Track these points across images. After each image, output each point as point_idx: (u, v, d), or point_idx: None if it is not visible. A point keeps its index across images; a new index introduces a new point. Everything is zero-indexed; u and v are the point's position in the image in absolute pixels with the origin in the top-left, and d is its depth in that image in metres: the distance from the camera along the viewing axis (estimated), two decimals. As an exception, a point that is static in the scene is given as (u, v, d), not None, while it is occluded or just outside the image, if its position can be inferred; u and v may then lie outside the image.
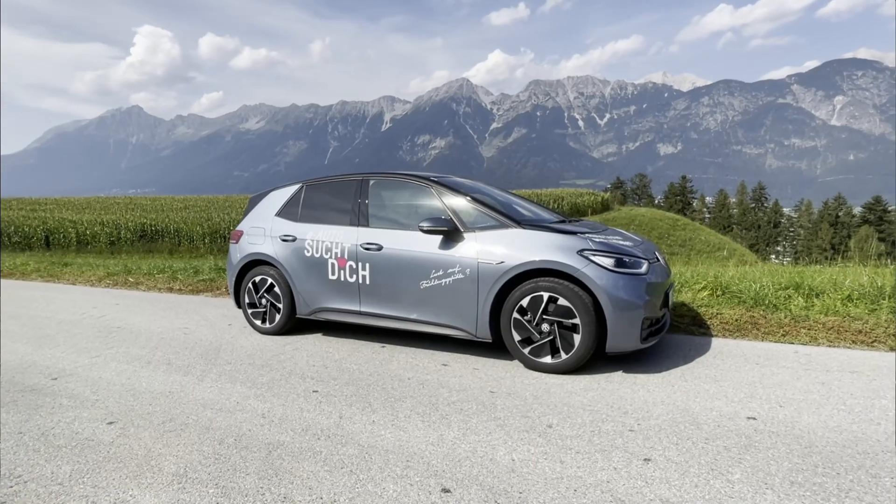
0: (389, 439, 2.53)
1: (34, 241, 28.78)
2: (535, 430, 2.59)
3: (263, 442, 2.53)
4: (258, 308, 4.60)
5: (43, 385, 3.41)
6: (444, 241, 3.68)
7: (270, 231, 4.52)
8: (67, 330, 4.93)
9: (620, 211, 57.25)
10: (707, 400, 2.90)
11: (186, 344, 4.35)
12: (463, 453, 2.37)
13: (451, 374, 3.45)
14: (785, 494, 1.98)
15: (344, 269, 4.08)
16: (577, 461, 2.27)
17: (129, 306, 6.16)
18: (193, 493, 2.10)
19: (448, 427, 2.65)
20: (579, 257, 3.28)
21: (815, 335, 3.99)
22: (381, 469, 2.25)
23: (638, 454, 2.32)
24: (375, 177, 4.25)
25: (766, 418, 2.64)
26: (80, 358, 4.01)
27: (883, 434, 2.43)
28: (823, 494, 1.96)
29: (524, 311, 3.42)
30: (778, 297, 4.70)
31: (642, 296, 3.24)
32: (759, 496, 1.97)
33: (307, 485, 2.14)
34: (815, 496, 1.95)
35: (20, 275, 9.18)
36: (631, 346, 3.27)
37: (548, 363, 3.38)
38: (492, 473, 2.19)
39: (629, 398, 2.96)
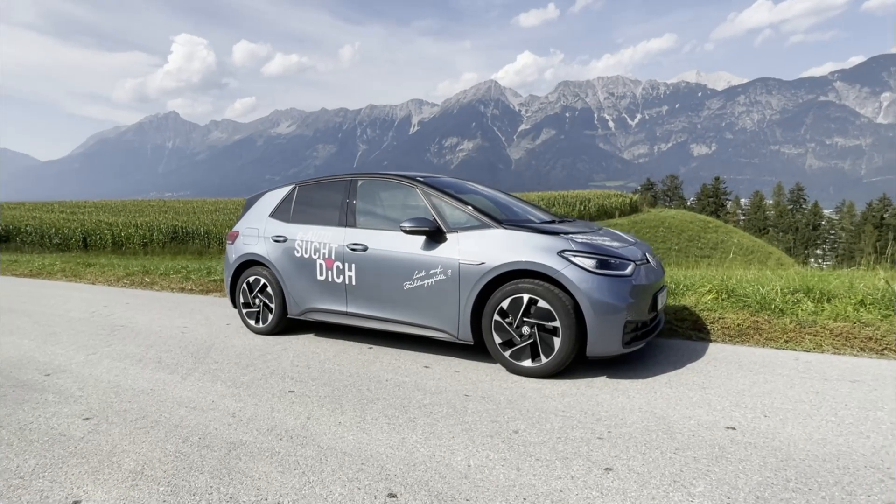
0: (351, 441, 2.50)
1: (73, 243, 29.97)
2: (499, 435, 2.52)
3: (226, 441, 2.53)
4: (252, 308, 4.65)
5: (35, 381, 3.51)
6: (427, 242, 3.63)
7: (264, 232, 4.56)
8: (73, 327, 5.08)
9: (650, 213, 56.07)
10: (688, 408, 2.77)
11: (181, 343, 4.42)
12: (420, 458, 2.32)
13: (430, 377, 3.40)
14: (736, 499, 1.86)
15: (331, 269, 4.08)
16: (534, 469, 2.19)
17: (138, 305, 6.32)
18: (144, 490, 2.11)
19: (412, 430, 2.60)
20: (559, 258, 3.18)
21: (820, 342, 3.78)
22: (334, 472, 2.21)
23: (600, 463, 2.22)
24: (364, 177, 4.23)
25: (746, 428, 2.50)
26: (77, 355, 4.11)
27: (870, 448, 2.26)
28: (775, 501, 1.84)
29: (505, 314, 3.34)
30: (786, 301, 4.48)
31: (625, 298, 3.13)
32: (719, 501, 1.86)
33: (256, 485, 2.12)
34: (778, 513, 1.83)
35: (47, 274, 9.55)
36: (612, 350, 3.15)
37: (528, 367, 3.30)
38: (444, 479, 2.13)
39: (606, 404, 2.85)
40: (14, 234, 31.10)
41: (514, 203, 4.66)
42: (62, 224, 32.03)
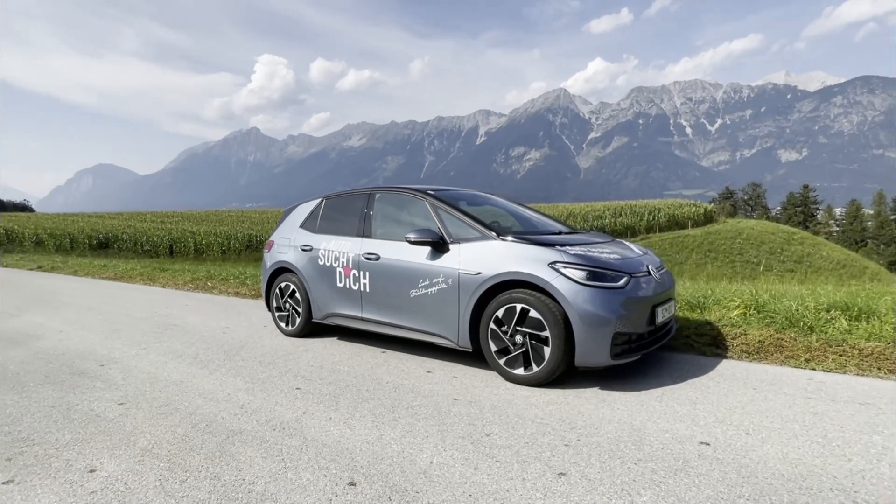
0: (334, 435, 2.71)
1: (160, 249, 32.77)
2: (471, 437, 2.64)
3: (227, 429, 2.83)
4: (283, 311, 5.02)
5: (90, 370, 4.02)
6: (432, 252, 3.81)
7: (294, 241, 4.93)
8: (134, 325, 5.70)
9: (726, 224, 52.95)
10: (669, 422, 2.75)
11: (219, 342, 4.85)
12: (390, 453, 2.49)
13: (428, 381, 3.56)
14: (680, 521, 1.87)
15: (349, 277, 4.35)
16: (490, 469, 2.30)
17: (194, 307, 6.94)
18: (147, 465, 2.42)
19: (392, 428, 2.78)
20: (549, 269, 3.25)
21: (844, 362, 3.57)
22: (309, 460, 2.43)
23: (556, 468, 2.29)
24: (380, 191, 4.49)
25: (720, 444, 2.46)
26: (130, 349, 4.64)
27: (846, 471, 2.18)
28: (722, 525, 1.84)
29: (500, 322, 3.45)
30: (818, 318, 4.24)
31: (615, 310, 3.14)
32: (649, 519, 1.89)
33: (239, 468, 2.38)
34: (711, 526, 1.84)
35: (127, 278, 10.63)
36: (601, 361, 3.17)
37: (521, 375, 3.38)
38: (403, 473, 2.29)
39: (587, 414, 2.89)
40: (112, 240, 34.42)
41: (529, 215, 4.76)
42: (152, 232, 35.13)
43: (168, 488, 2.21)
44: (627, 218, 49.02)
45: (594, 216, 48.57)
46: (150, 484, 2.25)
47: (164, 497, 2.14)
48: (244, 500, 2.10)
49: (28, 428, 2.90)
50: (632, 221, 48.33)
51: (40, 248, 32.74)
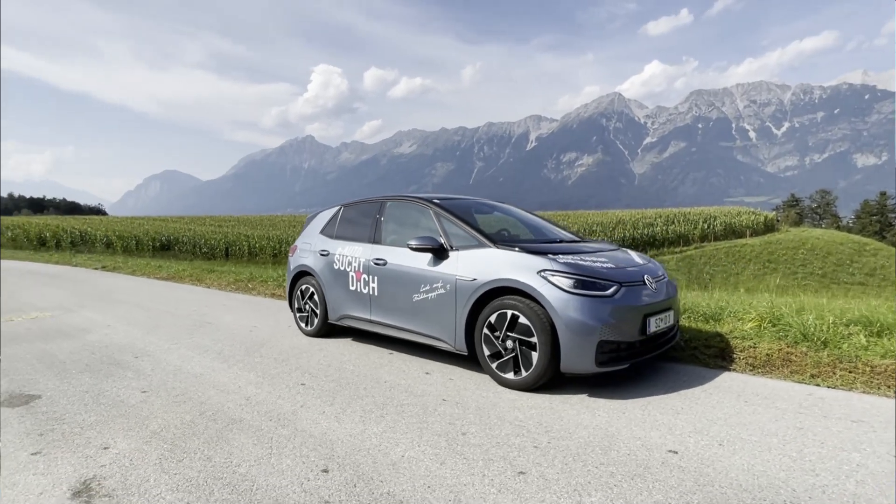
0: (322, 427, 2.91)
1: (217, 252, 34.52)
2: (447, 435, 2.77)
3: (229, 417, 3.09)
4: (303, 312, 5.31)
5: (125, 361, 4.43)
6: (433, 259, 3.97)
7: (313, 246, 5.22)
8: (173, 322, 6.16)
9: (789, 233, 50.19)
10: (644, 430, 2.78)
11: (244, 339, 5.19)
12: (368, 446, 2.66)
13: (424, 382, 3.71)
14: (619, 521, 1.94)
15: (360, 281, 4.57)
16: (456, 465, 2.42)
17: (231, 307, 7.40)
18: (153, 445, 2.70)
19: (377, 424, 2.95)
20: (538, 277, 3.34)
21: (853, 379, 3.45)
22: (294, 448, 2.64)
23: (518, 467, 2.39)
24: (391, 199, 4.70)
25: (688, 453, 2.49)
26: (164, 344, 5.05)
27: (808, 486, 2.16)
28: (658, 527, 1.89)
29: (493, 328, 3.56)
30: (834, 333, 4.09)
31: (601, 318, 3.19)
32: (590, 518, 1.97)
33: (230, 451, 2.62)
34: (648, 527, 1.89)
35: (178, 278, 11.38)
36: (585, 368, 3.22)
37: (511, 379, 3.47)
38: (375, 464, 2.45)
39: (566, 419, 2.96)
40: (174, 243, 36.54)
41: (539, 223, 4.85)
42: (210, 235, 37.08)
43: (165, 466, 2.47)
44: (680, 226, 47.33)
45: (644, 224, 47.21)
46: (151, 461, 2.52)
47: (160, 473, 2.40)
48: (227, 480, 2.32)
49: (62, 409, 3.27)
50: (685, 229, 46.62)
51: (109, 249, 35.24)
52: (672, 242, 44.70)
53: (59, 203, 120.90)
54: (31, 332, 5.73)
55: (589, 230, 44.70)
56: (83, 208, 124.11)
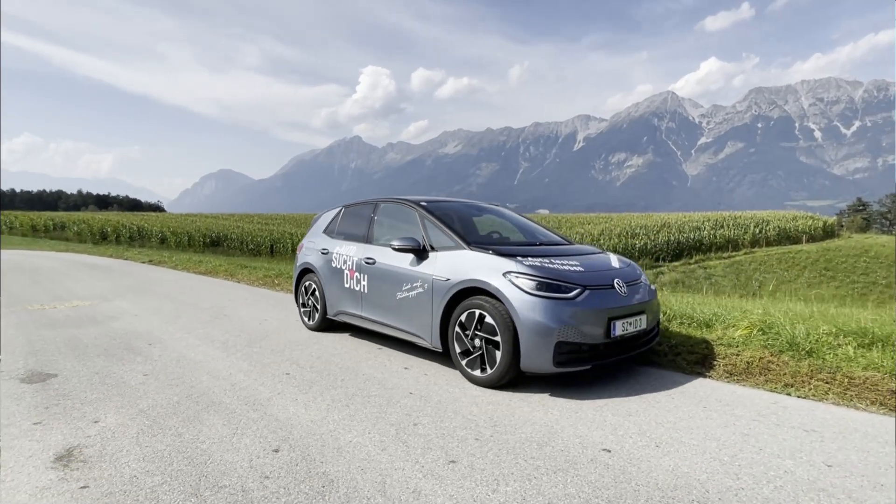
0: (290, 412, 3.14)
1: (262, 249, 35.88)
2: (399, 425, 2.94)
3: (211, 400, 3.37)
4: (306, 308, 5.60)
5: (139, 347, 4.83)
6: (414, 259, 4.15)
7: (316, 245, 5.50)
8: (193, 314, 6.61)
9: (850, 239, 47.39)
10: (589, 429, 2.86)
11: (251, 331, 5.53)
12: (323, 431, 2.86)
13: (399, 376, 3.90)
14: (521, 509, 2.07)
15: (353, 279, 4.81)
16: (396, 451, 2.59)
17: (252, 301, 7.83)
18: (137, 421, 3.01)
19: (340, 412, 3.15)
20: (502, 278, 3.46)
21: (826, 389, 3.39)
22: (256, 430, 2.88)
23: (452, 457, 2.53)
24: (384, 201, 4.91)
25: (620, 452, 2.56)
26: (178, 333, 5.46)
27: (724, 487, 2.21)
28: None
29: (464, 326, 3.70)
30: (823, 343, 3.99)
31: (561, 320, 3.27)
32: (508, 500, 2.10)
33: (199, 430, 2.88)
34: (545, 516, 2.01)
35: (213, 273, 12.04)
36: (543, 367, 3.31)
37: (478, 376, 3.61)
38: (323, 447, 2.65)
39: (517, 415, 3.07)
40: (223, 239, 38.21)
41: (529, 226, 4.95)
42: (257, 233, 38.61)
43: (140, 440, 2.76)
44: (729, 230, 45.53)
45: (691, 227, 45.69)
46: (130, 435, 2.82)
47: (134, 445, 2.69)
48: (188, 454, 2.58)
49: (71, 387, 3.65)
50: (734, 234, 44.80)
51: (163, 244, 37.31)
52: (720, 247, 43.04)
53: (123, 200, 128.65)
54: (68, 318, 6.29)
55: (631, 233, 43.67)
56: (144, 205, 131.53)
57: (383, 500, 2.15)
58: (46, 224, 45.41)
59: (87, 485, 2.28)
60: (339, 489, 2.24)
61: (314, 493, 2.20)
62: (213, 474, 2.37)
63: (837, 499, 2.13)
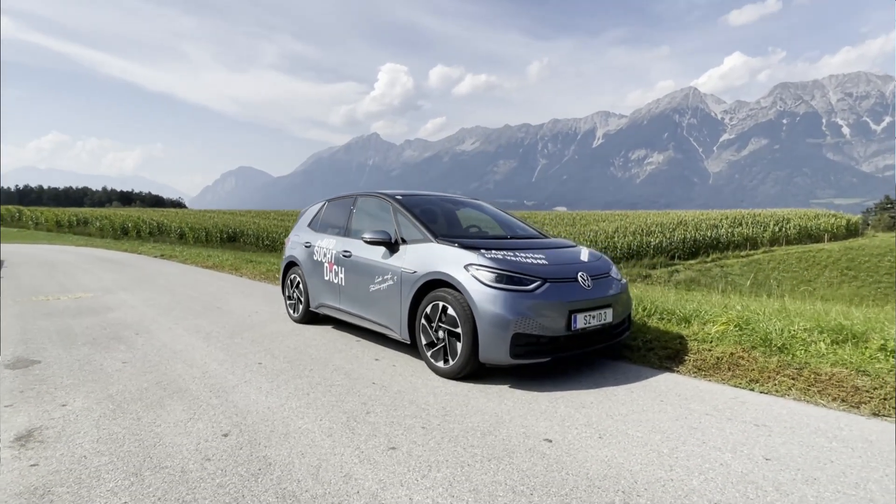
0: (251, 399, 3.22)
1: (278, 245, 36.31)
2: (351, 413, 3.00)
3: (179, 387, 3.47)
4: (291, 300, 5.70)
5: (126, 336, 4.97)
6: (386, 252, 4.20)
7: (301, 238, 5.59)
8: (188, 306, 6.76)
9: (875, 238, 46.12)
10: (536, 419, 2.88)
11: (238, 323, 5.64)
12: (277, 417, 2.93)
13: (367, 367, 3.95)
14: (456, 490, 2.10)
15: (332, 271, 4.88)
16: (341, 437, 2.65)
17: (249, 294, 7.97)
18: (103, 405, 3.11)
19: (299, 400, 3.22)
20: (463, 270, 3.49)
21: (790, 385, 3.35)
22: (213, 416, 2.96)
23: (394, 443, 2.58)
24: (363, 195, 4.97)
25: (561, 443, 2.58)
26: (167, 323, 5.60)
27: (654, 478, 2.22)
28: (488, 498, 2.04)
29: (429, 318, 3.74)
30: (796, 339, 3.94)
31: (517, 311, 3.29)
32: (435, 486, 2.14)
33: (160, 414, 2.97)
34: (478, 496, 2.05)
35: (220, 267, 12.27)
36: (501, 359, 3.33)
37: (441, 367, 3.64)
38: (271, 433, 2.72)
39: (471, 406, 3.10)
40: (240, 235, 38.72)
41: (507, 220, 4.96)
42: (272, 229, 39.09)
43: (100, 423, 2.86)
44: (748, 228, 44.64)
45: (708, 225, 44.93)
46: (92, 418, 2.92)
47: (92, 427, 2.79)
48: (140, 436, 2.67)
49: (50, 373, 3.79)
50: (753, 232, 43.91)
51: (182, 239, 38.01)
52: (738, 246, 42.25)
53: (145, 196, 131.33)
54: (68, 309, 6.49)
55: (647, 231, 43.13)
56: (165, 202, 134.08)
57: (314, 483, 2.21)
58: (70, 220, 46.66)
59: (38, 463, 2.38)
60: (273, 472, 2.30)
61: (248, 475, 2.26)
62: (158, 456, 2.45)
63: (764, 490, 2.12)
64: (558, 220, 54.67)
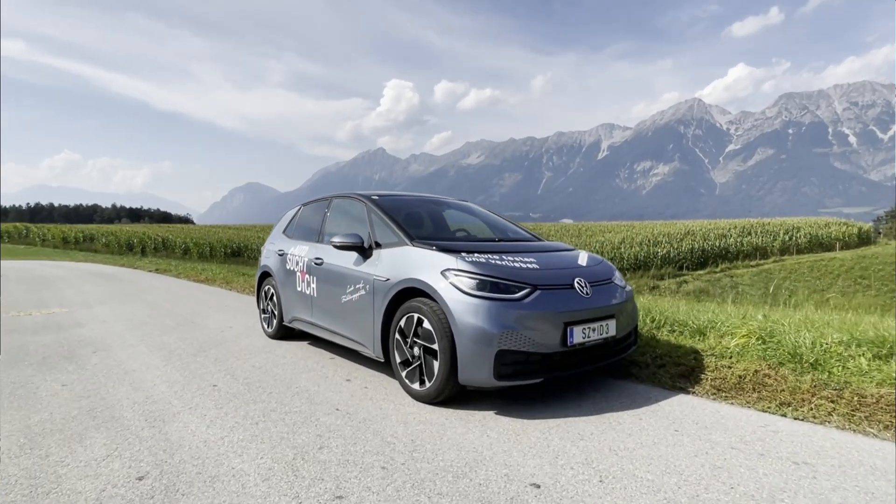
0: (190, 430, 2.72)
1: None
2: (301, 449, 2.49)
3: (111, 415, 2.97)
4: (266, 314, 5.21)
5: (81, 356, 4.49)
6: (359, 258, 3.72)
7: (275, 247, 5.11)
8: (161, 321, 6.30)
9: (888, 246, 45.12)
10: (524, 457, 2.37)
11: (208, 339, 5.16)
12: (211, 454, 2.43)
13: (335, 390, 3.45)
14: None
15: (304, 281, 4.40)
16: (279, 482, 2.15)
17: (229, 307, 7.50)
18: (13, 438, 2.63)
19: (244, 432, 2.71)
20: (440, 277, 3.00)
21: (830, 409, 2.82)
22: (136, 451, 2.46)
23: (342, 490, 2.07)
24: (337, 197, 4.50)
25: (553, 489, 2.07)
26: (133, 340, 5.12)
27: None
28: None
29: (404, 333, 3.24)
30: (831, 353, 3.40)
31: (503, 324, 2.78)
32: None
33: (73, 450, 2.48)
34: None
35: (211, 280, 11.84)
36: (483, 380, 2.82)
37: (416, 390, 3.14)
38: (199, 475, 2.22)
39: (446, 438, 2.59)
40: (243, 249, 38.46)
41: (498, 222, 4.48)
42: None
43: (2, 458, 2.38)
44: (757, 237, 43.77)
45: (716, 235, 44.11)
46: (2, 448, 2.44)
47: (-15, 469, 2.31)
48: (37, 480, 2.18)
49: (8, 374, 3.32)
50: (762, 241, 43.05)
51: (186, 254, 37.80)
52: (747, 255, 41.39)
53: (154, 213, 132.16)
54: (34, 325, 6.05)
55: (654, 241, 42.38)
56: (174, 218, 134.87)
57: (226, 548, 1.71)
58: (76, 236, 46.70)
59: None
60: (180, 532, 1.80)
61: (146, 538, 1.77)
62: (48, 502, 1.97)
63: (818, 562, 1.59)
64: (564, 232, 54.01)
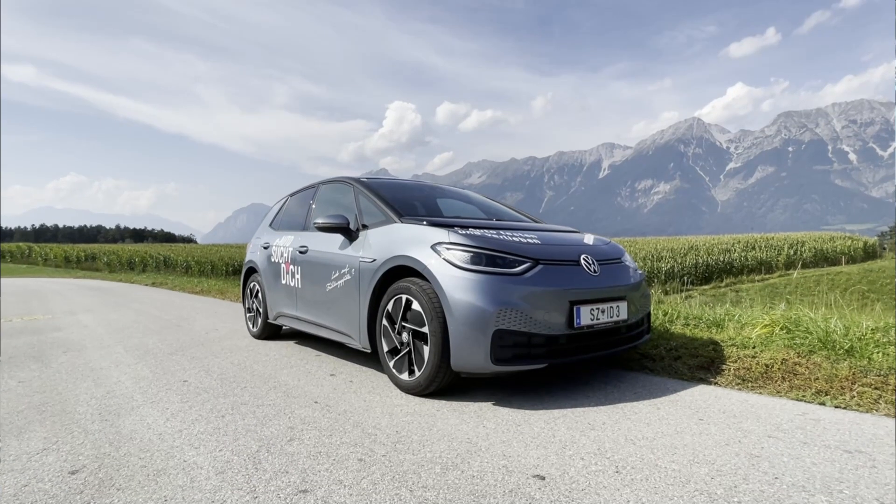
0: (146, 424, 2.39)
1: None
2: (269, 441, 2.16)
3: (63, 409, 2.65)
4: (251, 312, 4.89)
5: (51, 355, 4.18)
6: (344, 241, 3.42)
7: (261, 241, 4.82)
8: (146, 325, 5.98)
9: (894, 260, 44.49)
10: (526, 448, 2.03)
11: (190, 340, 4.83)
12: (165, 447, 2.10)
13: (317, 383, 3.11)
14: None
15: (288, 273, 4.09)
16: (235, 475, 1.81)
17: (220, 313, 7.17)
18: (14, 401, 2.31)
19: (207, 424, 2.38)
20: (431, 252, 2.69)
21: (877, 397, 2.47)
22: (79, 444, 2.13)
23: (310, 484, 1.74)
24: (324, 183, 4.22)
25: (560, 480, 1.73)
26: (110, 342, 4.80)
27: None
28: None
29: (391, 318, 2.92)
30: (867, 340, 3.06)
31: (500, 301, 2.46)
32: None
33: (7, 442, 2.16)
34: None
35: (205, 292, 11.52)
36: (479, 365, 2.48)
37: (404, 380, 2.80)
38: (142, 468, 1.89)
39: (437, 430, 2.25)
40: (243, 268, 38.11)
41: (499, 208, 4.19)
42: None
43: (-84, 457, 2.05)
44: (762, 252, 43.24)
45: (720, 250, 43.60)
46: (-89, 451, 2.12)
47: None
48: None
49: None
50: (767, 256, 42.53)
51: (188, 272, 37.52)
52: (752, 270, 40.84)
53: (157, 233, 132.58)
54: (13, 329, 5.74)
55: (657, 256, 41.93)
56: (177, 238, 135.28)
57: (155, 550, 1.37)
58: (78, 255, 46.58)
59: None
60: (103, 531, 1.47)
61: (59, 538, 1.43)
62: (-47, 505, 1.63)
63: (901, 562, 1.25)
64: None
